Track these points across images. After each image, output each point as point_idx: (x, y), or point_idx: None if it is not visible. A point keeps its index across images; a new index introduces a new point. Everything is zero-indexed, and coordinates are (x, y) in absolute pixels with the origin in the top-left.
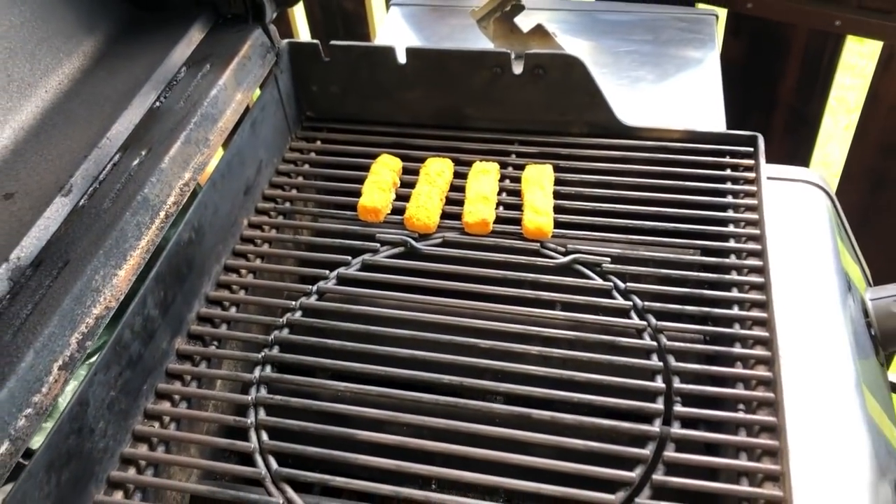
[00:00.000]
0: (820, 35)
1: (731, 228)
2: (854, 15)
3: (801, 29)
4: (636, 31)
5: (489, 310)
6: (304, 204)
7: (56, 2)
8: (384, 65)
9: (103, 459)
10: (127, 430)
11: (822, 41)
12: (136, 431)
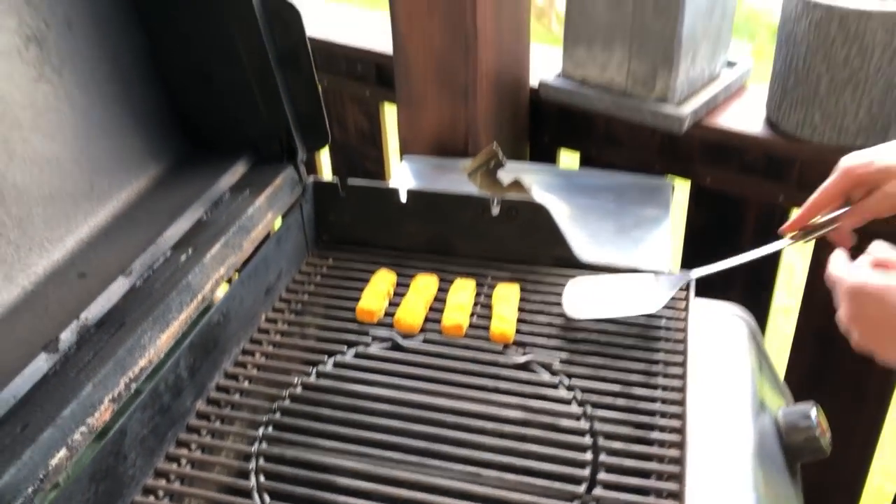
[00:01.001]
0: (768, 207)
1: (662, 344)
2: (795, 191)
3: (753, 201)
4: (603, 193)
5: (457, 394)
6: (312, 307)
7: (133, 134)
8: (389, 201)
9: (130, 485)
10: (151, 466)
11: (771, 212)
12: (157, 468)
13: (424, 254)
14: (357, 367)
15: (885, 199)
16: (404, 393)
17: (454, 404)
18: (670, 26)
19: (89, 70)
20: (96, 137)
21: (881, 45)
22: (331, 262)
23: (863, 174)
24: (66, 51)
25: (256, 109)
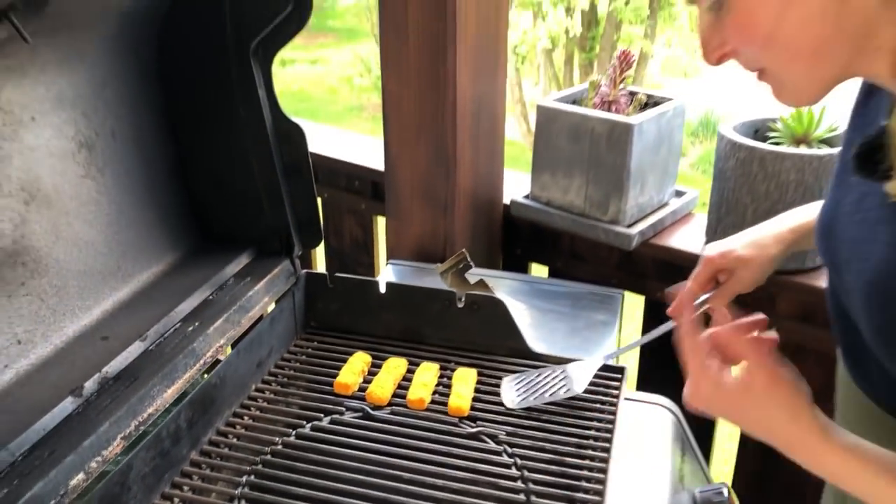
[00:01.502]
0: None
1: (594, 423)
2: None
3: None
4: (561, 299)
5: (416, 456)
6: (296, 380)
7: (157, 226)
8: (370, 293)
9: None
10: (149, 502)
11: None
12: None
13: (398, 341)
14: (331, 432)
15: (739, 282)
16: (370, 454)
17: (413, 465)
18: (621, 160)
19: (126, 171)
20: (126, 227)
21: (794, 182)
22: (316, 344)
23: (722, 263)
24: (109, 155)
25: (262, 211)
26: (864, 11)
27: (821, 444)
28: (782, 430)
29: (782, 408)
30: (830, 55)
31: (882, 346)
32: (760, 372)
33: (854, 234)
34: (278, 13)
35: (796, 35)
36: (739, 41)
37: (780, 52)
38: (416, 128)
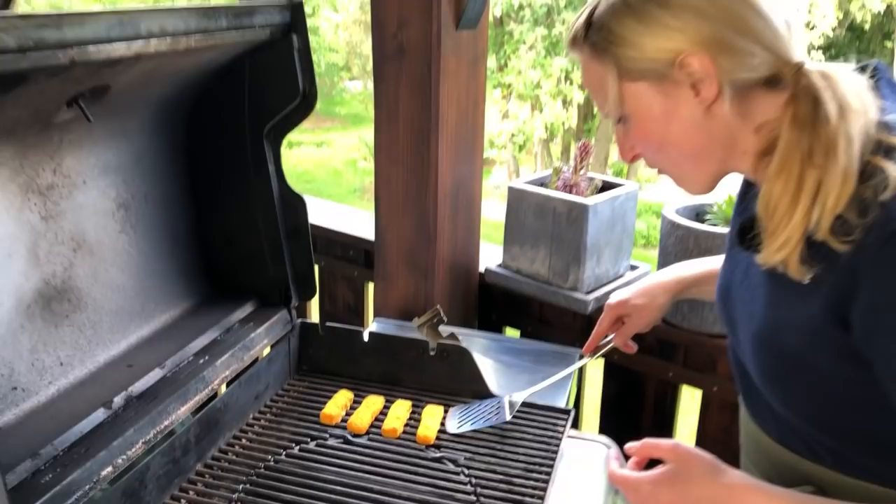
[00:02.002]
0: (662, 381)
1: (541, 454)
2: (682, 369)
3: (651, 376)
4: (525, 355)
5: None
6: (288, 412)
7: (176, 276)
8: (355, 341)
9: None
10: (160, 501)
11: (665, 385)
12: (164, 502)
13: (378, 383)
14: (316, 453)
15: (635, 325)
16: (348, 471)
17: (384, 481)
18: (578, 235)
19: (154, 229)
20: (151, 276)
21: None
22: (306, 383)
23: (621, 310)
24: (141, 215)
25: (265, 267)
26: (727, 125)
27: (750, 492)
28: (717, 493)
29: (706, 473)
30: (708, 157)
31: (767, 386)
32: (675, 457)
33: (743, 297)
34: (288, 103)
35: (679, 143)
36: (641, 147)
37: (669, 155)
38: (402, 203)
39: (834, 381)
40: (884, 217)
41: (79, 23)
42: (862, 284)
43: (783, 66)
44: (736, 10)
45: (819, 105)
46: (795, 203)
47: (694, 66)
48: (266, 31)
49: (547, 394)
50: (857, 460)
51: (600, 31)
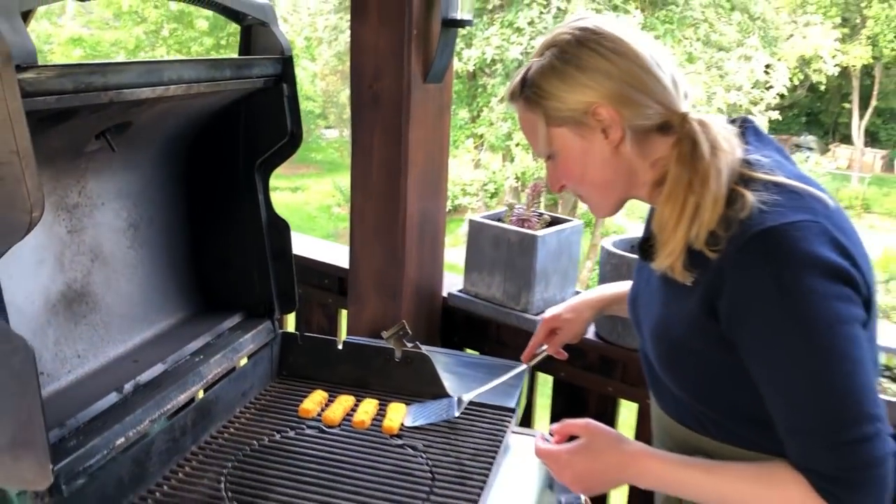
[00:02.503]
0: (603, 396)
1: (486, 443)
2: (620, 384)
3: (593, 391)
4: (479, 368)
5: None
6: (270, 408)
7: (174, 290)
8: (331, 349)
9: (148, 476)
10: (161, 472)
11: (605, 400)
12: (164, 474)
13: (349, 386)
14: (294, 440)
15: (565, 336)
16: (322, 454)
17: (353, 462)
18: (528, 263)
19: (157, 248)
20: (153, 288)
21: None
22: (286, 386)
23: (553, 323)
24: (146, 235)
25: (253, 284)
26: (630, 161)
27: (649, 458)
28: (621, 459)
29: (612, 444)
30: (615, 187)
31: (664, 371)
32: (586, 432)
33: (646, 300)
34: (278, 142)
35: (593, 175)
36: (565, 179)
37: (586, 186)
38: (374, 233)
39: (713, 363)
40: (741, 230)
41: (117, 71)
42: (726, 282)
43: (671, 115)
44: (634, 73)
45: (696, 146)
46: (679, 221)
47: (603, 115)
48: (261, 80)
49: (499, 397)
50: (737, 431)
51: (532, 87)
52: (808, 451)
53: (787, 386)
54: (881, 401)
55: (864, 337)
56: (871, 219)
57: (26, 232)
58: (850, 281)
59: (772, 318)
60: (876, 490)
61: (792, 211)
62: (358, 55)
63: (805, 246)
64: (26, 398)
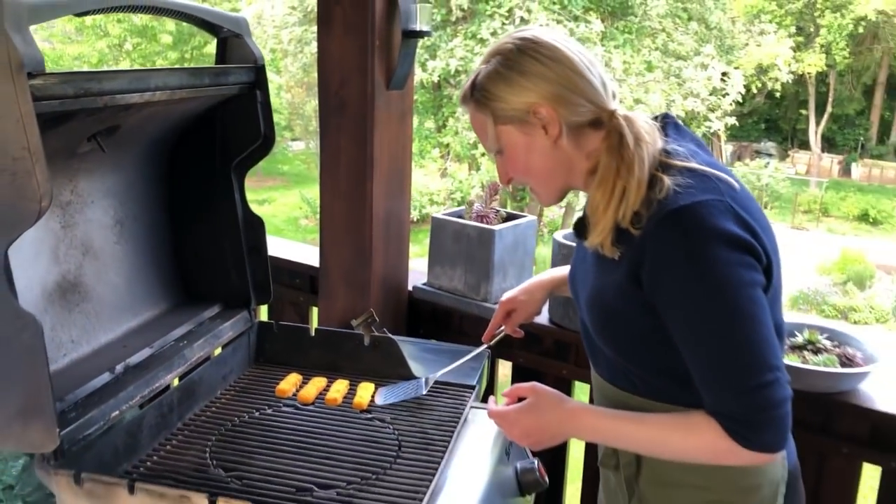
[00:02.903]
0: (559, 378)
1: (448, 414)
2: (574, 367)
3: (550, 375)
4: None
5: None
6: (249, 389)
7: (157, 282)
8: (304, 336)
9: (140, 447)
10: (152, 444)
11: (561, 383)
12: (154, 446)
13: (322, 370)
14: (272, 416)
15: (521, 316)
16: (298, 427)
17: (326, 433)
18: (487, 255)
19: (141, 242)
20: (139, 280)
21: None
22: (263, 370)
23: (509, 305)
24: (131, 231)
25: (230, 278)
26: (567, 154)
27: (584, 412)
28: (562, 415)
29: (554, 403)
30: (556, 177)
31: (598, 336)
32: (532, 393)
33: (582, 275)
34: (252, 144)
35: (537, 168)
36: (512, 171)
37: (531, 177)
38: (343, 231)
39: (639, 326)
40: (658, 209)
41: (111, 78)
42: (646, 254)
43: (601, 112)
44: (568, 76)
45: (623, 138)
46: (609, 204)
47: (543, 114)
48: (236, 87)
49: (461, 377)
50: (662, 387)
51: (481, 91)
52: (719, 397)
53: (698, 342)
54: (780, 353)
55: (765, 299)
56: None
57: (37, 219)
58: (752, 251)
59: (684, 283)
60: (776, 428)
61: (701, 192)
62: (325, 64)
63: (711, 221)
64: (35, 369)
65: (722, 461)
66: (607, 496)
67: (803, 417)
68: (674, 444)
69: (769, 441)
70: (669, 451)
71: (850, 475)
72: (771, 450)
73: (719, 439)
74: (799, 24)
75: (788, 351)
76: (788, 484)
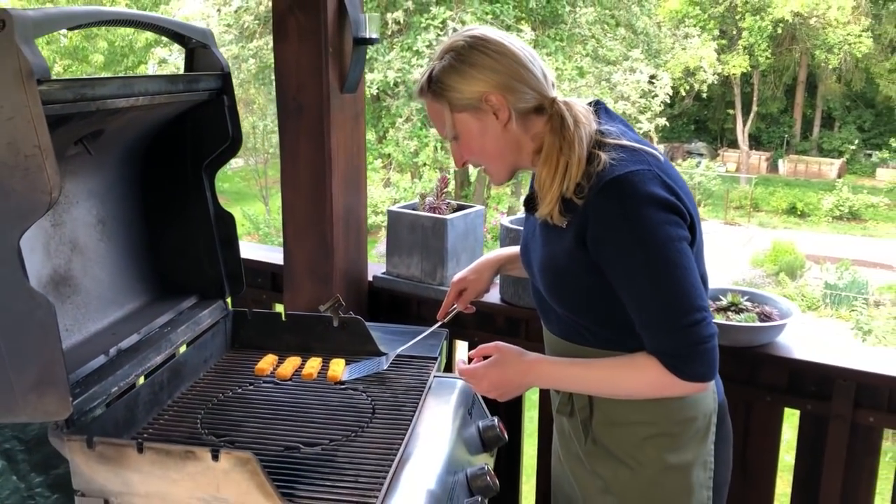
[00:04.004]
0: None
1: (416, 382)
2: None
3: None
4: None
5: (308, 398)
6: (230, 370)
7: (137, 276)
8: (276, 321)
9: (136, 421)
10: (147, 418)
11: None
12: (149, 420)
13: (295, 351)
14: (254, 391)
15: (472, 294)
16: (279, 399)
17: (305, 403)
18: (440, 243)
19: (121, 239)
20: (120, 274)
21: None
22: (240, 354)
23: (460, 284)
24: (112, 229)
25: (204, 270)
26: (516, 136)
27: (543, 362)
28: (524, 367)
29: (515, 357)
30: (506, 157)
31: (550, 294)
32: (496, 350)
33: (533, 245)
34: (221, 145)
35: (489, 150)
36: (468, 155)
37: (485, 158)
38: (305, 226)
39: (587, 283)
40: (597, 180)
41: (103, 84)
42: (589, 219)
43: (543, 99)
44: (513, 68)
45: (564, 119)
46: (553, 178)
47: (493, 101)
48: (206, 93)
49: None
50: (609, 336)
51: (437, 83)
52: (657, 338)
53: (637, 291)
54: (706, 297)
55: (691, 252)
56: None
57: (48, 208)
58: (678, 211)
59: (622, 240)
60: (707, 360)
61: (632, 163)
62: (282, 71)
63: (643, 187)
64: (48, 344)
65: (665, 393)
66: (562, 442)
67: (730, 371)
68: (623, 382)
69: (701, 371)
70: (620, 388)
71: (774, 420)
72: (703, 379)
73: (661, 374)
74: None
75: (714, 312)
76: (719, 416)
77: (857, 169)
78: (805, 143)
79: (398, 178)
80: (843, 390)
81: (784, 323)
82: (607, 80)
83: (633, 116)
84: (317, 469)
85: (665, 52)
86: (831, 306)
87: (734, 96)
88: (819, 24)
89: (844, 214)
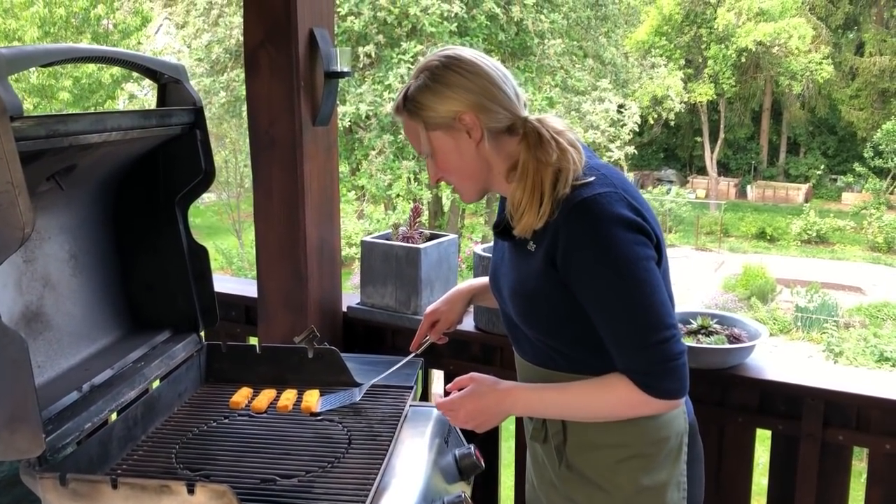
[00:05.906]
0: None
1: (393, 411)
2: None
3: None
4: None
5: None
6: (205, 403)
7: (110, 311)
8: (250, 354)
9: (110, 457)
10: (121, 454)
11: None
12: (123, 456)
13: (270, 383)
14: (229, 424)
15: (444, 325)
16: (255, 432)
17: (281, 435)
18: (414, 272)
19: (93, 274)
20: (93, 309)
21: None
22: (215, 387)
23: (433, 316)
24: (84, 264)
25: (177, 304)
26: (488, 156)
27: (518, 389)
28: (499, 396)
29: (490, 387)
30: (478, 176)
31: (521, 319)
32: (471, 381)
33: (503, 271)
34: (193, 179)
35: (463, 168)
36: (442, 172)
37: (458, 177)
38: (279, 257)
39: (557, 304)
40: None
41: (75, 120)
42: (559, 240)
43: (516, 119)
44: (487, 87)
45: (541, 136)
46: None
47: (467, 120)
48: (178, 127)
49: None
50: (580, 358)
51: (412, 102)
52: (627, 355)
53: (607, 309)
54: (674, 314)
55: (658, 271)
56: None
57: (20, 244)
58: (644, 231)
59: (592, 261)
60: (677, 377)
61: (600, 186)
62: (254, 105)
63: (610, 209)
64: (21, 381)
65: (638, 412)
66: (536, 469)
67: (702, 393)
68: (596, 404)
69: (673, 388)
70: (593, 410)
71: (746, 440)
72: (676, 395)
73: (633, 393)
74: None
75: (685, 335)
76: (690, 435)
77: (823, 193)
78: (772, 168)
79: (372, 209)
80: (813, 409)
81: (753, 344)
82: (577, 109)
83: (602, 145)
84: (293, 501)
85: (633, 82)
86: (803, 329)
87: (702, 124)
88: (781, 53)
89: (812, 238)
